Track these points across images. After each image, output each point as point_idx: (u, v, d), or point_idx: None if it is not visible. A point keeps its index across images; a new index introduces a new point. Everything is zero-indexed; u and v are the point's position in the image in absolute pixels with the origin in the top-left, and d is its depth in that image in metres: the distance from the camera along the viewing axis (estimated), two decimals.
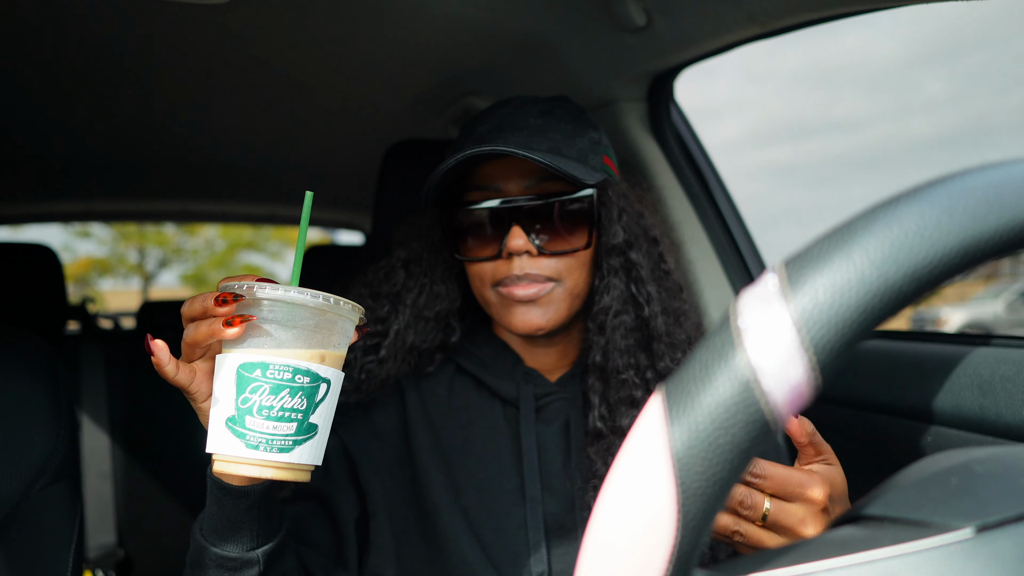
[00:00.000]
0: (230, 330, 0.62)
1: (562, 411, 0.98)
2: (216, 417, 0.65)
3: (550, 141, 0.93)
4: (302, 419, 0.64)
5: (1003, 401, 0.91)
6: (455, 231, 0.96)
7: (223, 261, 19.45)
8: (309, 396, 0.64)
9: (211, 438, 0.65)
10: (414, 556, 0.93)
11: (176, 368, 0.67)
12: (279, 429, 0.63)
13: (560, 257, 0.93)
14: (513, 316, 0.93)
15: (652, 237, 0.97)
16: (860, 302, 0.30)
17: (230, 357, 0.64)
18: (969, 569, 0.30)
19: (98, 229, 16.95)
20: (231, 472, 0.65)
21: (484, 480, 0.94)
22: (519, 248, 0.90)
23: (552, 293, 0.92)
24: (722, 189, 1.53)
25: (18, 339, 0.96)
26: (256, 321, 0.63)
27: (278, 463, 0.64)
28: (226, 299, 0.62)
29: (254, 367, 0.63)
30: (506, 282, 0.92)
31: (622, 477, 0.33)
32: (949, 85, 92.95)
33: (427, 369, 1.02)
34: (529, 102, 0.97)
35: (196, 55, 1.50)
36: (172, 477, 2.30)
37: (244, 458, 0.63)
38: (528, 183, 0.93)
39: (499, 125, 0.94)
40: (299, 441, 0.65)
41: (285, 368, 0.63)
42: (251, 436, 0.63)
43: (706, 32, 1.21)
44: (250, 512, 0.72)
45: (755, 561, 0.34)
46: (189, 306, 0.66)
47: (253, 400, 0.63)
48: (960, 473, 0.36)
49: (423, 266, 1.02)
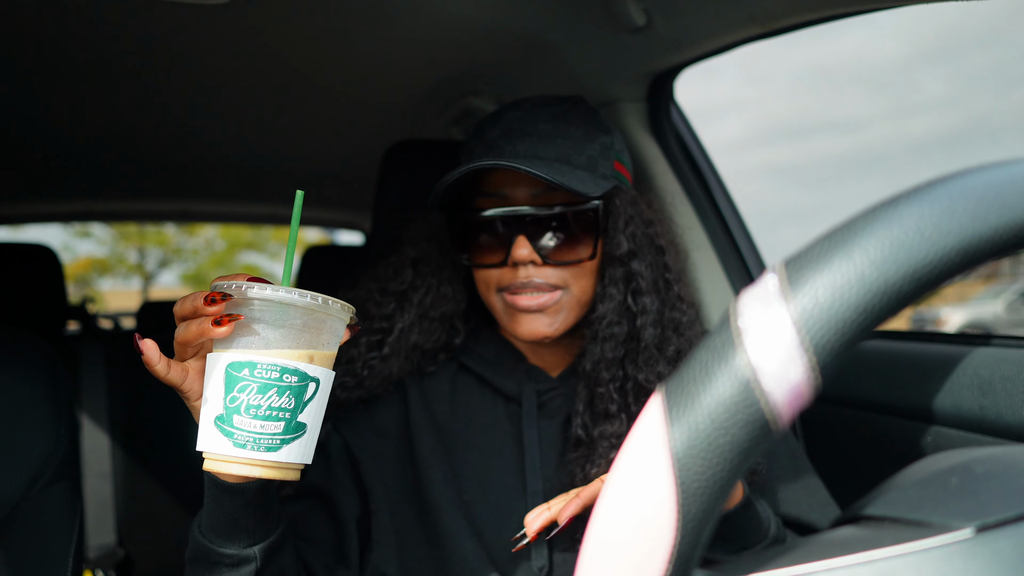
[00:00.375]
0: (219, 329, 0.63)
1: (564, 406, 0.98)
2: (205, 416, 0.65)
3: (559, 148, 0.93)
4: (290, 418, 0.65)
5: (1003, 401, 0.91)
6: (462, 236, 0.97)
7: (223, 261, 19.45)
8: (297, 395, 0.65)
9: (200, 436, 0.66)
10: (415, 553, 0.94)
11: (168, 367, 0.68)
12: (267, 428, 0.64)
13: (566, 267, 0.93)
14: (519, 324, 0.93)
15: (658, 246, 0.97)
16: (860, 302, 0.30)
17: (220, 356, 0.65)
18: (969, 569, 0.30)
19: (98, 229, 16.96)
20: (220, 471, 0.65)
21: (486, 476, 0.95)
22: (524, 258, 0.90)
23: (560, 302, 0.93)
24: (722, 189, 1.53)
25: (18, 339, 0.96)
26: (245, 320, 0.64)
27: (266, 462, 0.64)
28: (215, 298, 0.63)
29: (242, 366, 0.63)
30: (512, 289, 0.92)
31: (622, 477, 0.33)
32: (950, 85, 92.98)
33: (429, 369, 1.02)
34: (541, 105, 0.97)
35: (196, 55, 1.50)
36: (172, 477, 2.30)
37: (232, 456, 0.64)
38: (535, 191, 0.93)
39: (508, 130, 0.94)
40: (287, 440, 0.65)
41: (273, 367, 0.63)
42: (239, 435, 0.63)
43: (706, 32, 1.21)
44: (246, 509, 0.72)
45: (755, 561, 0.34)
46: (180, 305, 0.67)
47: (241, 399, 0.63)
48: (960, 473, 0.36)
49: (431, 266, 1.02)
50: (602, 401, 0.92)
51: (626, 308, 0.94)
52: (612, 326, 0.93)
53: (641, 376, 0.92)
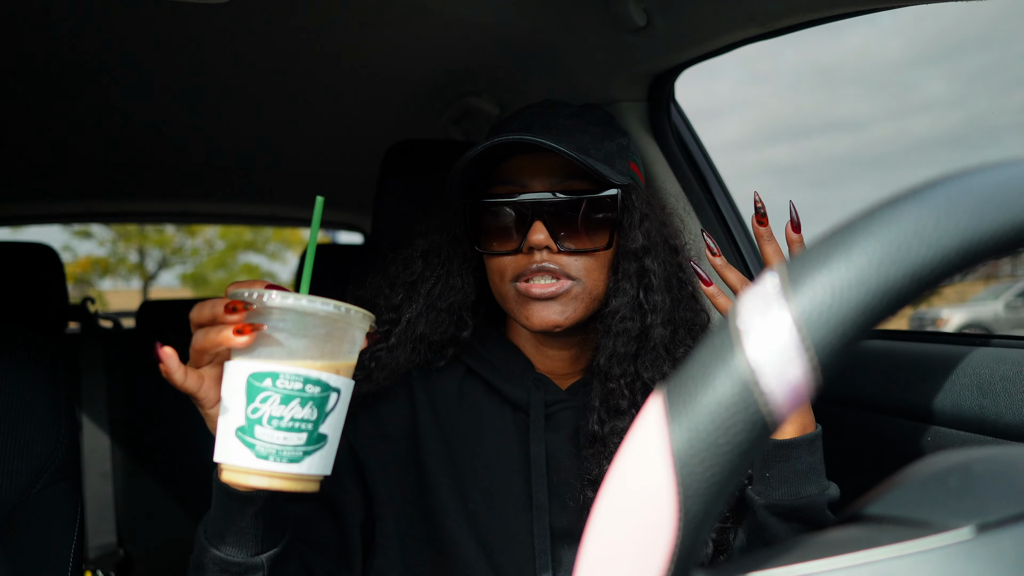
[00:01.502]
0: (240, 338, 0.61)
1: (572, 419, 0.98)
2: (225, 426, 0.64)
3: (578, 142, 0.93)
4: (312, 429, 0.63)
5: (1003, 401, 0.91)
6: (477, 224, 0.96)
7: (223, 261, 19.47)
8: (319, 406, 0.63)
9: (219, 447, 0.64)
10: (419, 559, 0.93)
11: (184, 374, 0.66)
12: (289, 440, 0.62)
13: (580, 256, 0.93)
14: (531, 312, 0.92)
15: (672, 246, 0.98)
16: (860, 302, 0.30)
17: (240, 366, 0.63)
18: (969, 569, 0.30)
19: (98, 229, 16.96)
20: (240, 483, 0.64)
21: (492, 485, 0.94)
22: (540, 243, 0.90)
23: (571, 291, 0.92)
24: (722, 189, 1.53)
25: (19, 339, 0.96)
26: (266, 330, 0.62)
27: (288, 474, 0.63)
28: (236, 307, 0.62)
29: (264, 376, 0.62)
30: (525, 275, 0.92)
31: (622, 477, 0.33)
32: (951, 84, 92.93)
33: (438, 364, 1.01)
34: (559, 104, 0.98)
35: (196, 55, 1.50)
36: (172, 477, 2.30)
37: (253, 469, 0.62)
38: (553, 180, 0.93)
39: (528, 124, 0.95)
40: (309, 452, 0.63)
41: (296, 378, 0.62)
42: (261, 446, 0.62)
43: (706, 32, 1.21)
44: (256, 518, 0.72)
45: (755, 561, 0.34)
46: (198, 312, 0.65)
47: (263, 410, 0.62)
48: (960, 473, 0.36)
49: (441, 257, 1.02)
50: (613, 397, 0.92)
51: (638, 304, 0.94)
52: (625, 321, 0.93)
53: (647, 375, 0.93)
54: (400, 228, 1.39)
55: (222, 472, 0.65)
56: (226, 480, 0.65)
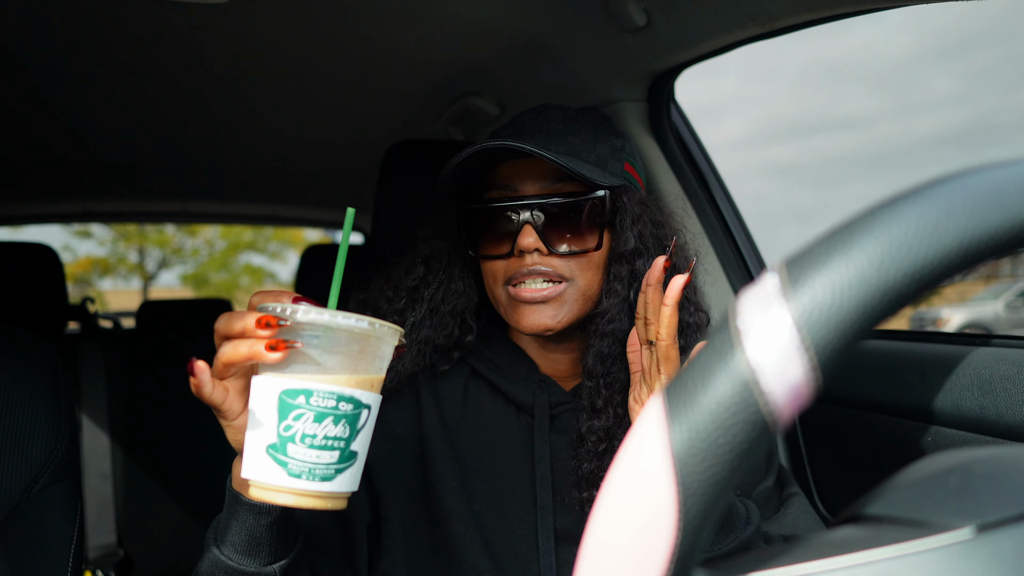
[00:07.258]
0: (273, 354, 0.60)
1: (575, 421, 0.97)
2: (254, 443, 0.62)
3: (569, 145, 0.94)
4: (344, 447, 0.62)
5: (1003, 401, 0.91)
6: (471, 228, 0.97)
7: (223, 261, 19.46)
8: (352, 423, 0.62)
9: (249, 464, 0.62)
10: (424, 560, 0.93)
11: (213, 388, 0.65)
12: (322, 458, 0.61)
13: (571, 257, 0.93)
14: (521, 316, 0.93)
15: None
16: (860, 302, 0.30)
17: (271, 381, 0.61)
18: (969, 569, 0.30)
19: (98, 229, 16.97)
20: (270, 500, 0.62)
21: (497, 486, 0.94)
22: (529, 246, 0.91)
23: (564, 293, 0.92)
24: (722, 189, 1.53)
25: (18, 339, 0.96)
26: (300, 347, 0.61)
27: (320, 492, 0.62)
28: (270, 323, 0.60)
29: (297, 394, 0.60)
30: (516, 278, 0.92)
31: (622, 477, 0.33)
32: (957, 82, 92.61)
33: (442, 368, 1.01)
34: (553, 108, 0.99)
35: (196, 55, 1.50)
36: (172, 477, 2.30)
37: (285, 487, 0.61)
38: (544, 184, 0.93)
39: (520, 128, 0.96)
40: (341, 469, 0.62)
41: (329, 395, 0.60)
42: (293, 464, 0.60)
43: (706, 32, 1.21)
44: (271, 528, 0.71)
45: (755, 561, 0.34)
46: (227, 324, 0.63)
47: (296, 427, 0.60)
48: (960, 473, 0.36)
49: (442, 262, 1.02)
50: (590, 395, 0.93)
51: (628, 306, 0.94)
52: (612, 322, 0.93)
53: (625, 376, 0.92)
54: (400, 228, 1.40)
55: (251, 489, 0.64)
56: (255, 497, 0.63)
